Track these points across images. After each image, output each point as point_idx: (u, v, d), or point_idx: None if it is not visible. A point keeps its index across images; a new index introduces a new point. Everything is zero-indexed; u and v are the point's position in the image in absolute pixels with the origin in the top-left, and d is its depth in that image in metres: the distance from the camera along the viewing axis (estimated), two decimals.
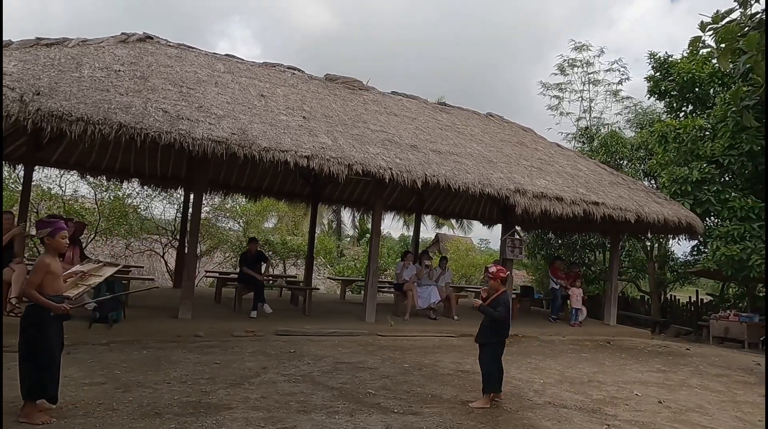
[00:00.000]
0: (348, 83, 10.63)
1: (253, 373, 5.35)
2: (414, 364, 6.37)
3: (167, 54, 8.64)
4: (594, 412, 4.87)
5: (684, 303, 15.97)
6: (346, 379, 5.33)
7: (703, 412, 5.26)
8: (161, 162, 11.30)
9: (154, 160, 11.19)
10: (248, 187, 12.67)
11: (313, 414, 4.17)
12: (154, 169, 11.61)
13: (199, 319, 7.57)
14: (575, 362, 7.39)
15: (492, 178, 8.63)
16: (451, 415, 4.39)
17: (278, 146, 6.98)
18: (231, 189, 12.83)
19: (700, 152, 12.28)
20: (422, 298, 9.68)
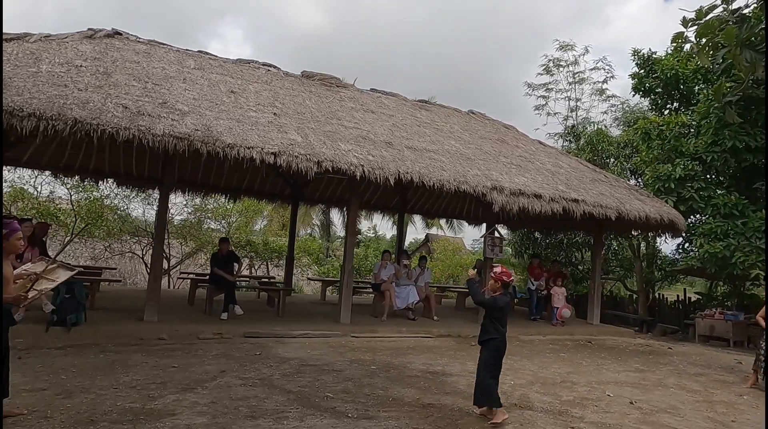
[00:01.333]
0: (325, 80, 10.45)
1: (209, 377, 5.14)
2: (382, 365, 6.18)
3: (135, 50, 8.43)
4: (560, 414, 4.70)
5: (672, 302, 15.87)
6: (306, 383, 5.13)
7: (675, 412, 5.10)
8: (137, 161, 11.06)
9: (130, 160, 10.96)
10: (228, 187, 12.46)
11: (261, 420, 3.97)
12: (129, 169, 11.38)
13: (165, 321, 7.36)
14: (551, 362, 7.22)
15: (468, 175, 8.46)
16: (408, 419, 4.21)
17: (244, 143, 6.79)
18: (210, 189, 12.59)
19: (684, 149, 12.18)
20: (400, 298, 9.50)
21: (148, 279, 7.83)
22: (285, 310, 9.09)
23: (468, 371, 6.24)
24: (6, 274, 3.54)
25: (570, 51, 19.66)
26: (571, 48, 19.69)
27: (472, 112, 12.39)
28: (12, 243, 3.62)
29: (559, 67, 19.96)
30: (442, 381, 5.63)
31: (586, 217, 9.38)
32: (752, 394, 6.25)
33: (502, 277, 4.48)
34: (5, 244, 3.57)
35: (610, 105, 19.72)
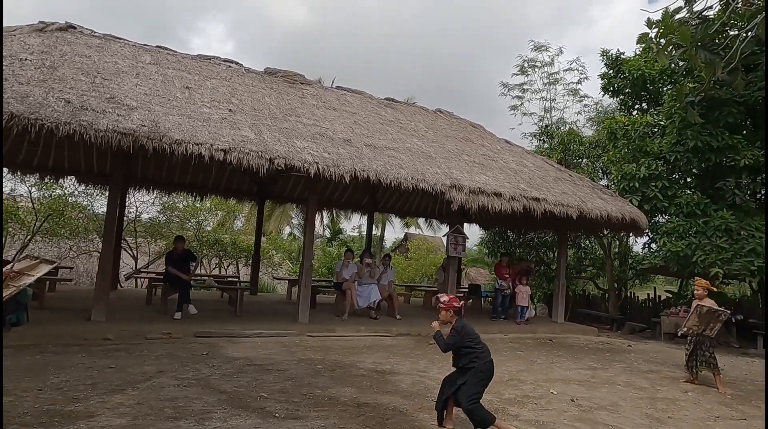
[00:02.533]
0: (288, 77, 10.34)
1: (145, 377, 5.03)
2: (330, 365, 6.11)
3: (87, 44, 8.25)
4: (495, 412, 4.66)
5: (643, 300, 16.05)
6: (244, 383, 5.04)
7: (614, 410, 5.11)
8: (97, 158, 10.85)
9: (90, 157, 10.75)
10: (194, 185, 12.28)
11: (183, 421, 3.88)
12: (90, 166, 11.16)
13: (114, 321, 7.20)
14: (505, 361, 7.21)
15: (427, 173, 8.42)
16: (337, 419, 4.15)
17: (192, 139, 6.67)
18: (175, 187, 12.40)
19: (648, 149, 12.29)
20: (362, 297, 9.44)
21: (95, 278, 7.63)
22: (244, 310, 8.99)
23: (417, 370, 6.22)
24: None
25: (545, 52, 19.86)
26: (546, 49, 19.87)
27: (440, 111, 12.38)
28: None
29: (534, 68, 20.13)
30: (387, 380, 5.58)
31: (547, 215, 9.40)
32: (697, 391, 6.31)
33: (453, 305, 4.16)
34: None
35: (584, 105, 19.94)
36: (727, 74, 10.50)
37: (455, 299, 4.23)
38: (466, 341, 4.05)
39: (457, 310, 4.17)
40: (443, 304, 4.17)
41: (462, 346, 4.05)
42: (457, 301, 4.22)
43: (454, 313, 4.15)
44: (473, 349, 4.05)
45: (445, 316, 4.16)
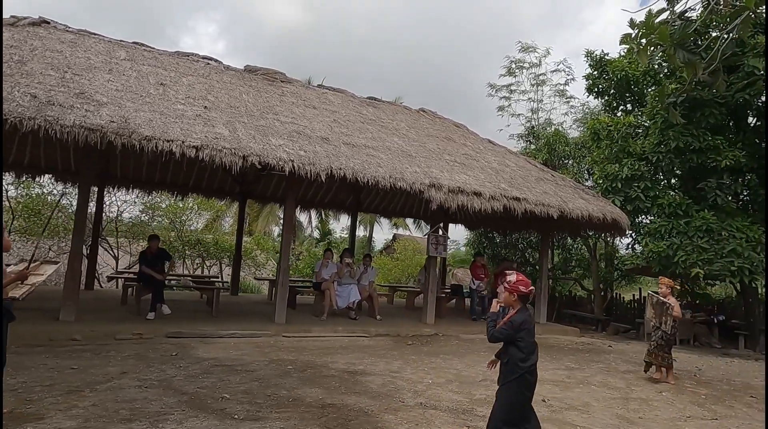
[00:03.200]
0: (269, 75, 10.23)
1: (106, 378, 4.90)
2: (301, 365, 6.00)
3: (60, 39, 8.11)
4: (463, 413, 4.60)
5: (629, 301, 16.09)
6: (208, 384, 4.93)
7: (585, 410, 5.05)
8: (74, 157, 10.68)
9: (67, 155, 10.57)
10: (174, 183, 12.13)
11: (137, 422, 3.77)
12: (68, 165, 10.99)
13: (84, 321, 7.06)
14: (481, 361, 7.13)
15: (406, 172, 8.35)
16: (298, 420, 4.05)
17: (163, 136, 6.54)
18: (156, 186, 12.24)
19: (631, 149, 12.30)
20: (341, 297, 9.34)
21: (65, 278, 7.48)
22: (221, 310, 8.88)
23: (390, 371, 6.12)
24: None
25: (532, 53, 19.90)
26: (533, 50, 19.91)
27: (423, 110, 12.32)
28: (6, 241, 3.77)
29: (521, 69, 20.17)
30: (357, 381, 5.48)
31: (528, 215, 9.35)
32: (672, 391, 6.27)
33: (519, 288, 3.48)
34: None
35: (570, 106, 20.00)
36: (708, 75, 10.53)
37: (525, 281, 3.54)
38: (518, 339, 3.45)
39: (524, 295, 3.51)
40: (508, 285, 3.55)
41: (515, 336, 3.45)
42: (527, 284, 3.54)
43: (519, 298, 3.51)
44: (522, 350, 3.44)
45: (508, 300, 3.54)
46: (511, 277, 3.57)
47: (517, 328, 3.43)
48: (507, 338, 3.48)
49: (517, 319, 3.46)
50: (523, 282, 3.52)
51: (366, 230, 30.37)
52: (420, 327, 9.34)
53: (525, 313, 3.52)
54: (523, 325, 3.45)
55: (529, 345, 3.46)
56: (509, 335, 3.45)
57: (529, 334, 3.47)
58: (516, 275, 3.56)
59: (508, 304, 3.56)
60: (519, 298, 3.50)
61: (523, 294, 3.49)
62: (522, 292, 3.49)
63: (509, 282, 3.54)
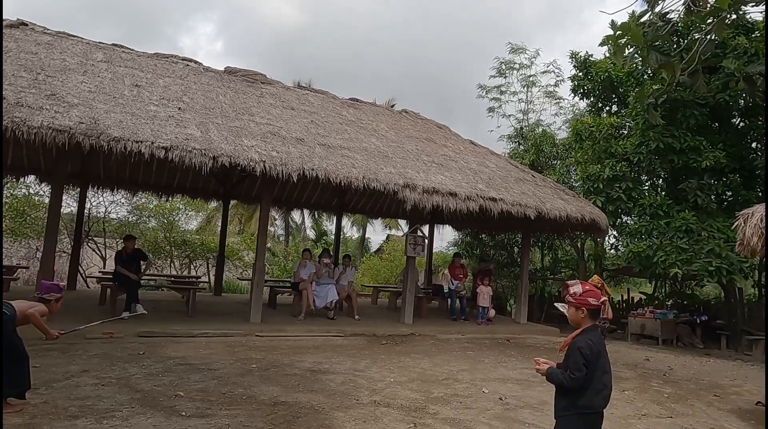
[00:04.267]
0: (249, 76, 10.30)
1: (65, 376, 4.96)
2: (266, 364, 6.05)
3: (37, 41, 8.18)
4: (415, 411, 4.64)
5: (617, 301, 16.12)
6: (166, 382, 4.98)
7: (540, 408, 5.09)
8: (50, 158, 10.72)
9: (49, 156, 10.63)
10: (158, 184, 12.19)
11: (82, 419, 3.82)
12: (50, 165, 11.05)
13: (56, 320, 7.07)
14: (451, 360, 7.19)
15: (380, 172, 8.40)
16: (245, 418, 4.10)
17: (133, 137, 6.60)
18: (140, 187, 12.31)
19: (613, 150, 12.35)
20: (319, 297, 9.39)
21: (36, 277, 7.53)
22: (199, 310, 8.94)
23: (354, 369, 6.17)
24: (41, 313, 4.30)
25: (522, 54, 19.96)
26: (523, 51, 19.97)
27: (405, 112, 12.38)
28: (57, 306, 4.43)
29: (511, 70, 20.23)
30: (317, 379, 5.53)
31: (504, 215, 9.40)
32: (635, 390, 6.30)
33: (588, 301, 2.79)
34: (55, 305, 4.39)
35: (560, 107, 20.05)
36: (687, 76, 10.59)
37: (594, 292, 2.85)
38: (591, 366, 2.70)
39: (594, 310, 2.81)
40: (575, 299, 2.83)
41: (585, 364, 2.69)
42: (598, 295, 2.84)
43: (589, 314, 2.80)
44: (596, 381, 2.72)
45: (575, 317, 2.84)
46: (575, 288, 2.87)
47: (597, 353, 2.70)
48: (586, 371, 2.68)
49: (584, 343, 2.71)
50: (593, 292, 2.83)
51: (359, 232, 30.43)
52: (397, 327, 9.39)
53: (595, 332, 2.82)
54: (595, 348, 2.71)
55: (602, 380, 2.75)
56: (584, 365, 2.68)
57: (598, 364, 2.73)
58: (581, 285, 2.87)
59: (575, 322, 2.85)
60: (589, 315, 2.80)
61: (593, 308, 2.80)
62: (592, 305, 2.79)
63: (574, 294, 2.84)
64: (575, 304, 2.82)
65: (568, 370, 2.73)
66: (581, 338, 2.75)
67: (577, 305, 2.81)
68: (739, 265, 10.42)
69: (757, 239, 4.60)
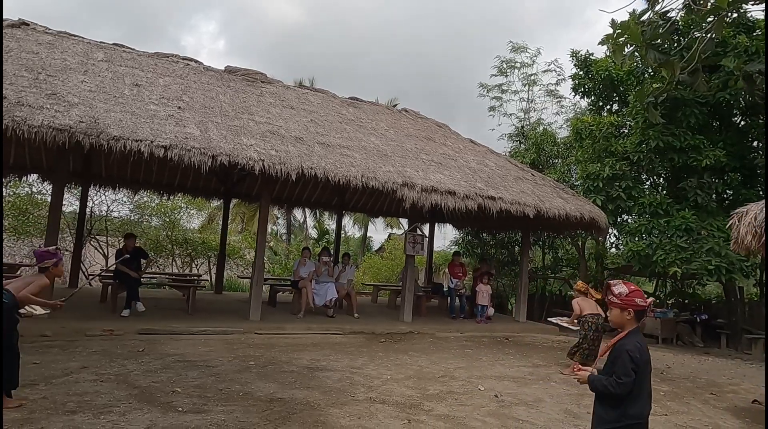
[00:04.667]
0: (249, 75, 10.35)
1: (65, 372, 5.02)
2: (264, 361, 6.10)
3: (38, 41, 8.24)
4: (410, 407, 4.68)
5: None
6: (164, 378, 5.03)
7: (535, 405, 5.12)
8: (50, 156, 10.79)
9: (51, 154, 10.71)
10: (159, 183, 12.26)
11: (80, 414, 3.87)
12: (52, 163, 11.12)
13: (57, 318, 7.15)
14: (448, 358, 7.22)
15: (379, 171, 8.43)
16: (241, 413, 4.15)
17: (132, 135, 6.66)
18: (141, 185, 12.37)
19: (613, 149, 12.35)
20: (319, 295, 9.43)
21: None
22: (199, 308, 9.00)
23: (352, 367, 6.21)
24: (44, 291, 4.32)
25: (523, 52, 19.96)
26: (524, 50, 19.97)
27: (405, 110, 12.41)
28: (60, 269, 4.44)
29: (513, 68, 20.23)
30: (315, 376, 5.58)
31: (503, 214, 9.42)
32: None
33: (635, 301, 2.66)
34: (56, 270, 4.37)
35: (561, 106, 20.05)
36: (688, 75, 10.58)
37: (640, 292, 2.71)
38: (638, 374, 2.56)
39: (641, 311, 2.67)
40: (620, 300, 2.68)
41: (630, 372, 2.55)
42: (642, 294, 2.70)
43: (635, 315, 2.67)
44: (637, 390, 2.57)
45: (620, 319, 2.69)
46: (619, 288, 2.72)
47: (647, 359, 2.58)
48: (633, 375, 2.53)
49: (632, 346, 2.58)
50: (639, 292, 2.70)
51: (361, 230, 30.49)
52: (396, 325, 9.43)
53: (641, 335, 2.68)
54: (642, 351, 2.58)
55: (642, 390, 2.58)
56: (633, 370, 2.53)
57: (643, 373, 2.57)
58: (625, 285, 2.72)
59: (619, 324, 2.70)
60: (635, 316, 2.67)
61: (641, 309, 2.66)
62: (640, 306, 2.66)
63: (619, 295, 2.69)
64: (621, 305, 2.67)
65: (615, 375, 2.55)
66: (628, 341, 2.60)
67: (623, 306, 2.66)
68: (739, 264, 10.43)
69: (751, 238, 4.61)
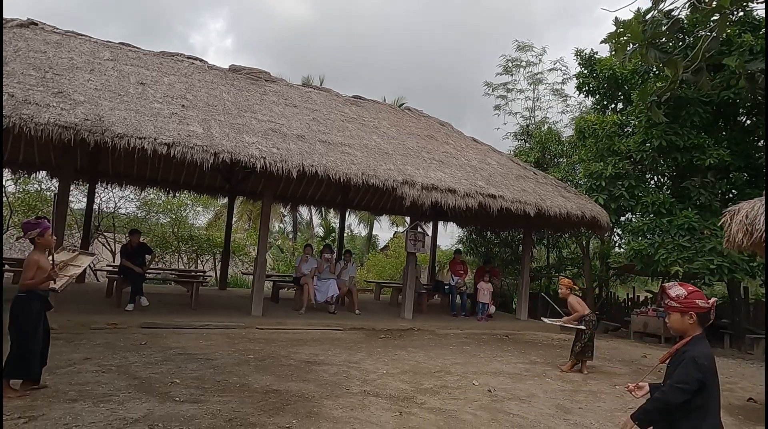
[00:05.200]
0: (253, 74, 10.46)
1: (68, 363, 5.16)
2: (263, 355, 6.21)
3: (46, 40, 8.41)
4: (402, 400, 4.77)
5: (623, 299, 16.13)
6: (164, 370, 5.16)
7: (527, 400, 5.19)
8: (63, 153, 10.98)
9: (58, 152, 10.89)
10: (165, 180, 12.42)
11: (80, 403, 4.00)
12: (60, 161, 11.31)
13: (63, 311, 7.32)
14: (446, 354, 7.29)
15: (380, 169, 8.52)
16: (236, 404, 4.25)
17: (136, 133, 6.79)
18: (148, 183, 12.54)
19: (616, 148, 12.33)
20: (320, 291, 9.53)
21: None
22: (202, 303, 9.13)
23: (349, 361, 6.31)
24: (44, 265, 4.23)
25: (529, 51, 19.92)
26: (529, 48, 19.93)
27: (408, 109, 12.49)
28: (47, 239, 4.28)
29: (518, 67, 20.20)
30: (311, 369, 5.68)
31: (503, 212, 9.46)
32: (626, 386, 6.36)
33: (696, 303, 2.44)
34: (42, 240, 4.26)
35: (567, 105, 19.99)
36: (691, 74, 10.55)
37: (700, 292, 2.49)
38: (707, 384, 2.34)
39: (705, 313, 2.43)
40: (679, 303, 2.45)
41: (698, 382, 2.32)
42: (703, 295, 2.48)
43: (698, 319, 2.44)
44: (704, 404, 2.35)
45: (681, 324, 2.47)
46: (676, 290, 2.49)
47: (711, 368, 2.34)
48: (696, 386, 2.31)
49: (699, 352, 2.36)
50: (699, 294, 2.47)
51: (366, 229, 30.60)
52: (397, 322, 9.51)
53: (705, 342, 2.45)
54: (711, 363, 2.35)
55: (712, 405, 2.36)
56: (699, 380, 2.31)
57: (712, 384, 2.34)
58: (682, 286, 2.49)
59: (680, 331, 2.48)
60: (698, 320, 2.43)
61: (703, 311, 2.42)
62: (702, 308, 2.42)
63: (677, 297, 2.45)
64: (681, 309, 2.44)
65: (673, 381, 2.34)
66: (696, 348, 2.38)
67: (683, 310, 2.43)
68: (742, 264, 10.40)
69: (742, 236, 4.64)
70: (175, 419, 3.79)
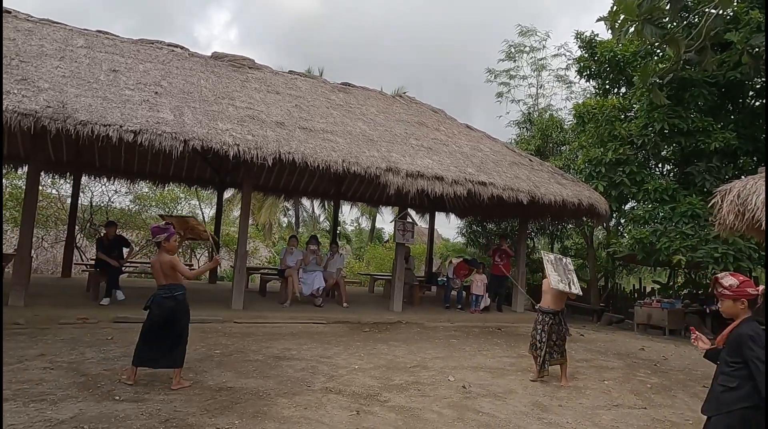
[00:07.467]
0: (235, 61, 10.15)
1: (19, 360, 4.91)
2: (231, 350, 5.94)
3: (16, 28, 8.16)
4: (365, 398, 4.45)
5: (629, 291, 15.66)
6: (117, 367, 4.90)
7: (503, 397, 4.84)
8: (53, 147, 10.82)
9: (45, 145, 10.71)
10: (154, 173, 12.20)
11: (11, 402, 3.73)
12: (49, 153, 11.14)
13: (33, 306, 7.13)
14: (428, 348, 6.96)
15: (362, 156, 8.17)
16: (180, 403, 3.97)
17: (101, 120, 6.52)
18: (136, 175, 12.33)
19: (617, 133, 11.84)
20: (306, 284, 9.25)
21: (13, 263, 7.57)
22: None
23: (322, 356, 6.01)
24: (180, 268, 4.64)
25: (532, 36, 19.36)
26: (533, 33, 19.37)
27: (400, 96, 12.10)
28: (172, 244, 4.57)
29: (521, 53, 19.65)
30: (277, 365, 5.38)
31: (494, 200, 9.08)
32: (617, 380, 5.99)
33: (747, 291, 2.73)
34: (168, 244, 4.53)
35: (571, 92, 19.42)
36: (694, 53, 10.02)
37: (749, 282, 2.76)
38: None
39: (754, 299, 2.73)
40: (732, 291, 2.73)
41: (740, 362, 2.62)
42: (752, 283, 2.77)
43: (749, 304, 2.73)
44: None
45: (732, 309, 2.75)
46: (728, 280, 2.76)
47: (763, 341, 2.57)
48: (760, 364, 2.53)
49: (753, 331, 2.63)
50: (749, 282, 2.74)
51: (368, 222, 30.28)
52: (384, 314, 9.20)
53: (755, 322, 2.71)
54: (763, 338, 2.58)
55: None
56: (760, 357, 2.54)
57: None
58: (734, 277, 2.76)
59: (732, 315, 2.76)
60: (748, 305, 2.73)
61: (752, 297, 2.71)
62: (752, 295, 2.71)
63: (731, 286, 2.73)
64: (733, 297, 2.74)
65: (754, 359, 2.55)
66: (747, 327, 2.66)
67: (735, 297, 2.73)
68: (748, 252, 9.90)
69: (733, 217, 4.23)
70: (105, 420, 3.51)
